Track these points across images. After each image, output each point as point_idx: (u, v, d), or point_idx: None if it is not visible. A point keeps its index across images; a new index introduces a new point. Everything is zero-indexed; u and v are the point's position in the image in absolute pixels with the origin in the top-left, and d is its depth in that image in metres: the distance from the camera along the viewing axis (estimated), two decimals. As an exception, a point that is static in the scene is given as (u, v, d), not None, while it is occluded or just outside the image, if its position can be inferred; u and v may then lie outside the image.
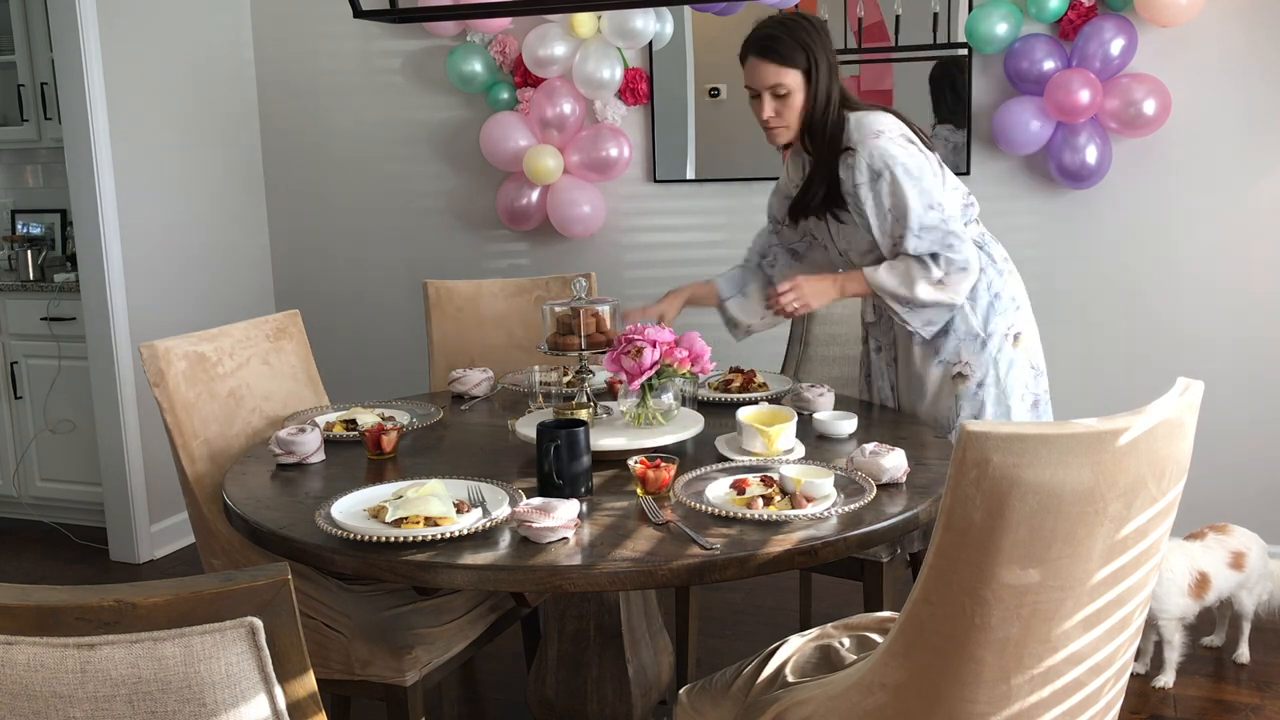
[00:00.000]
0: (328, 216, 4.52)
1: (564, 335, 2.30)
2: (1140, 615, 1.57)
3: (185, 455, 2.34)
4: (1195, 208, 3.49)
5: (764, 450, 2.10)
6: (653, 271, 4.09)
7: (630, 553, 1.67)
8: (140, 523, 4.05)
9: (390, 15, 2.73)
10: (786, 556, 1.68)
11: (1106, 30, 3.36)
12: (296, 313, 2.81)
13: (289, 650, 1.11)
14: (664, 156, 4.01)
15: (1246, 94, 3.39)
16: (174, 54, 4.14)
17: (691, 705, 1.88)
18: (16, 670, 1.06)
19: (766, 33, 2.42)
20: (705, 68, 3.92)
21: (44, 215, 4.87)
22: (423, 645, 2.14)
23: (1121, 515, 1.41)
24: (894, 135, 2.41)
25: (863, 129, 2.41)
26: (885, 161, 2.37)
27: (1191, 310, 3.53)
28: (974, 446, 1.34)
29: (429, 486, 1.85)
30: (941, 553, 1.41)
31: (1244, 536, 2.91)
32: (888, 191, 2.37)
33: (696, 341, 2.22)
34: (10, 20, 4.46)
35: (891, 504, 1.85)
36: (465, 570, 1.65)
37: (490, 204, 4.24)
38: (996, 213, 3.68)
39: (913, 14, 3.61)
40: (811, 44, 2.40)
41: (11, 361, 4.37)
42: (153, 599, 1.04)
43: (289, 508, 1.95)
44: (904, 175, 2.37)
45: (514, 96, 4.07)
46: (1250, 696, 2.84)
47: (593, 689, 2.17)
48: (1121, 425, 1.37)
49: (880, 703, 1.54)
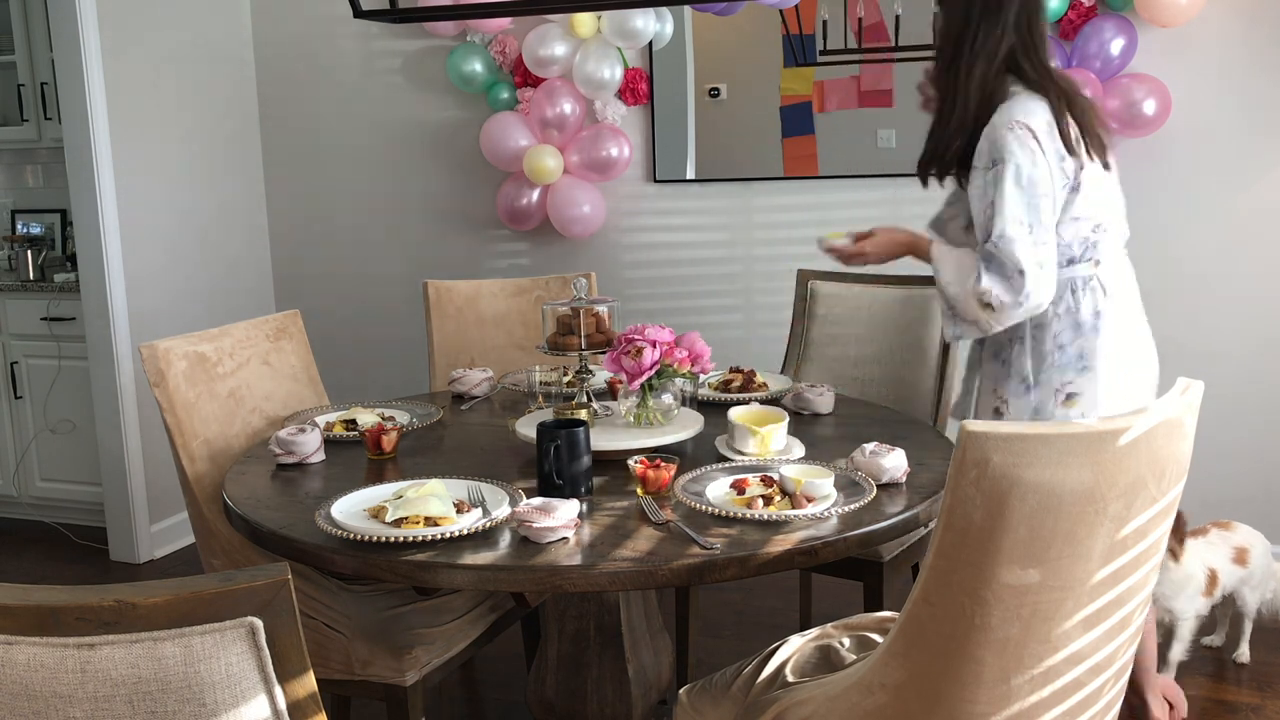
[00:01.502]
0: (328, 216, 4.52)
1: (564, 335, 2.30)
2: (1140, 615, 1.57)
3: (185, 455, 2.34)
4: (1195, 208, 3.49)
5: (757, 450, 2.10)
6: (653, 271, 4.09)
7: (630, 553, 1.67)
8: (140, 523, 4.05)
9: (390, 15, 2.73)
10: (786, 556, 1.68)
11: (1106, 30, 3.36)
12: (296, 313, 2.81)
13: (289, 650, 1.11)
14: (664, 156, 4.01)
15: (1246, 94, 3.39)
16: (174, 54, 4.14)
17: (691, 705, 1.89)
18: (16, 670, 1.06)
19: None
20: (705, 68, 3.92)
21: (44, 215, 4.87)
22: (423, 645, 2.14)
23: (1121, 515, 1.41)
24: (1029, 133, 2.19)
25: (1010, 111, 2.21)
26: (1005, 154, 2.19)
27: (1191, 310, 3.53)
28: (974, 446, 1.34)
29: (429, 486, 1.85)
30: (941, 553, 1.41)
31: (1247, 533, 2.90)
32: (994, 183, 2.20)
33: (696, 341, 2.22)
34: (10, 20, 4.46)
35: (891, 504, 1.85)
36: (465, 570, 1.65)
37: (490, 204, 4.24)
38: (996, 213, 3.68)
39: (913, 14, 3.61)
40: None
41: (11, 361, 4.37)
42: (153, 599, 1.04)
43: (289, 508, 1.95)
44: (1012, 178, 2.18)
45: (514, 96, 4.07)
46: (1250, 696, 2.84)
47: (593, 689, 2.17)
48: (1121, 425, 1.37)
49: (880, 703, 1.54)
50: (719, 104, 3.93)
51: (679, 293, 4.09)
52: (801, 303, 3.17)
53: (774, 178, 3.91)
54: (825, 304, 3.14)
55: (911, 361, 2.98)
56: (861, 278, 3.12)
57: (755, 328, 4.00)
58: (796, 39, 3.76)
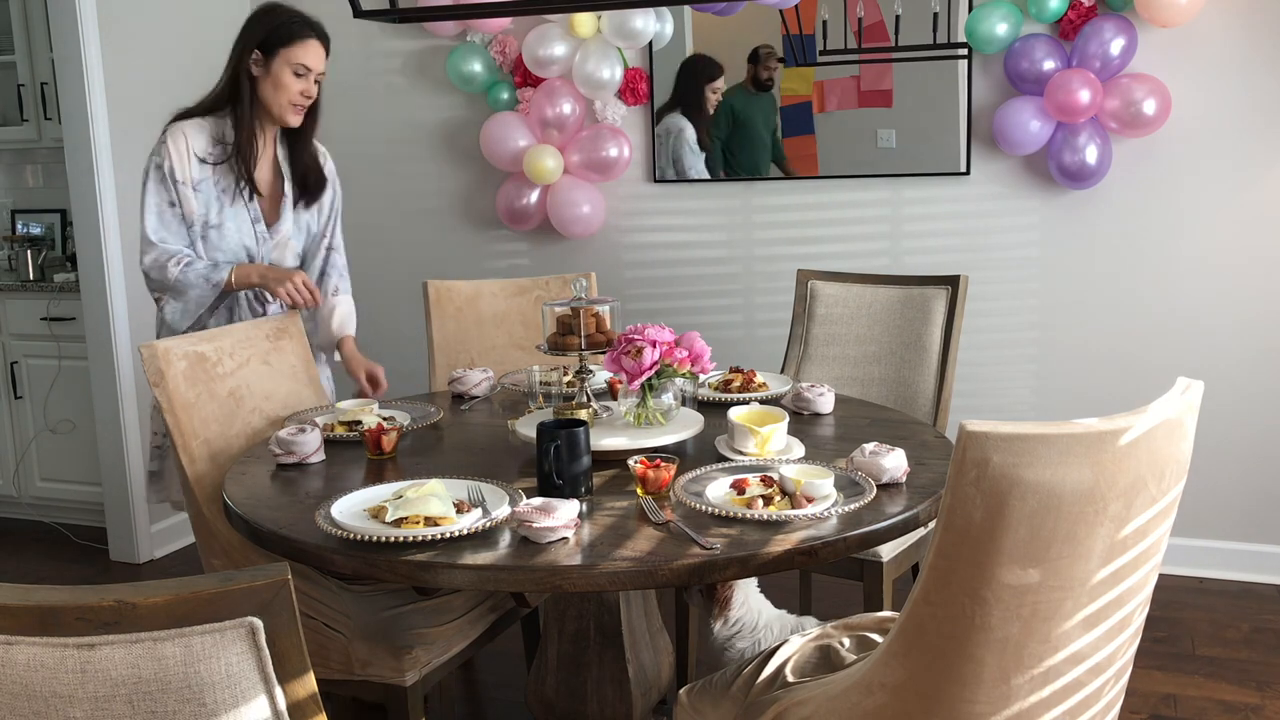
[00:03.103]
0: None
1: (564, 335, 2.29)
2: (1140, 615, 1.58)
3: (185, 455, 2.34)
4: (1195, 208, 3.49)
5: (756, 450, 2.10)
6: (653, 271, 4.09)
7: (630, 553, 1.67)
8: (140, 523, 4.05)
9: (390, 15, 2.73)
10: (786, 556, 1.68)
11: (1106, 30, 3.36)
12: (296, 313, 2.81)
13: (289, 650, 1.11)
14: (664, 156, 4.01)
15: (1246, 94, 3.39)
16: (174, 54, 4.13)
17: (691, 705, 1.89)
18: (16, 670, 1.06)
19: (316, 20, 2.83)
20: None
21: (44, 215, 4.87)
22: (423, 645, 2.14)
23: (1121, 515, 1.41)
24: None
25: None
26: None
27: (1191, 310, 3.53)
28: (974, 446, 1.34)
29: (429, 486, 1.85)
30: (941, 553, 1.41)
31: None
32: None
33: (696, 341, 2.22)
34: (10, 20, 4.46)
35: (891, 504, 1.85)
36: (465, 570, 1.65)
37: (490, 204, 4.24)
38: (996, 213, 3.68)
39: (913, 14, 3.61)
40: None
41: (11, 361, 4.37)
42: (153, 599, 1.04)
43: (289, 508, 1.95)
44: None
45: (514, 96, 4.07)
46: (1250, 696, 2.84)
47: (593, 689, 2.17)
48: (1122, 425, 1.37)
49: (880, 703, 1.54)
50: (719, 104, 3.93)
51: (679, 293, 4.09)
52: (801, 303, 3.17)
53: (778, 178, 3.91)
54: (825, 304, 3.14)
55: (911, 361, 2.98)
56: (861, 278, 3.13)
57: (755, 328, 4.00)
58: (796, 39, 3.76)
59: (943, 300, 2.96)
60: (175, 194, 2.70)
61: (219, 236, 2.75)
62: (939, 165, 3.69)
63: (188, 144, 2.71)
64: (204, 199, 2.72)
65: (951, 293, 2.95)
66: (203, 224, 2.73)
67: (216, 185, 2.74)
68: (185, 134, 2.72)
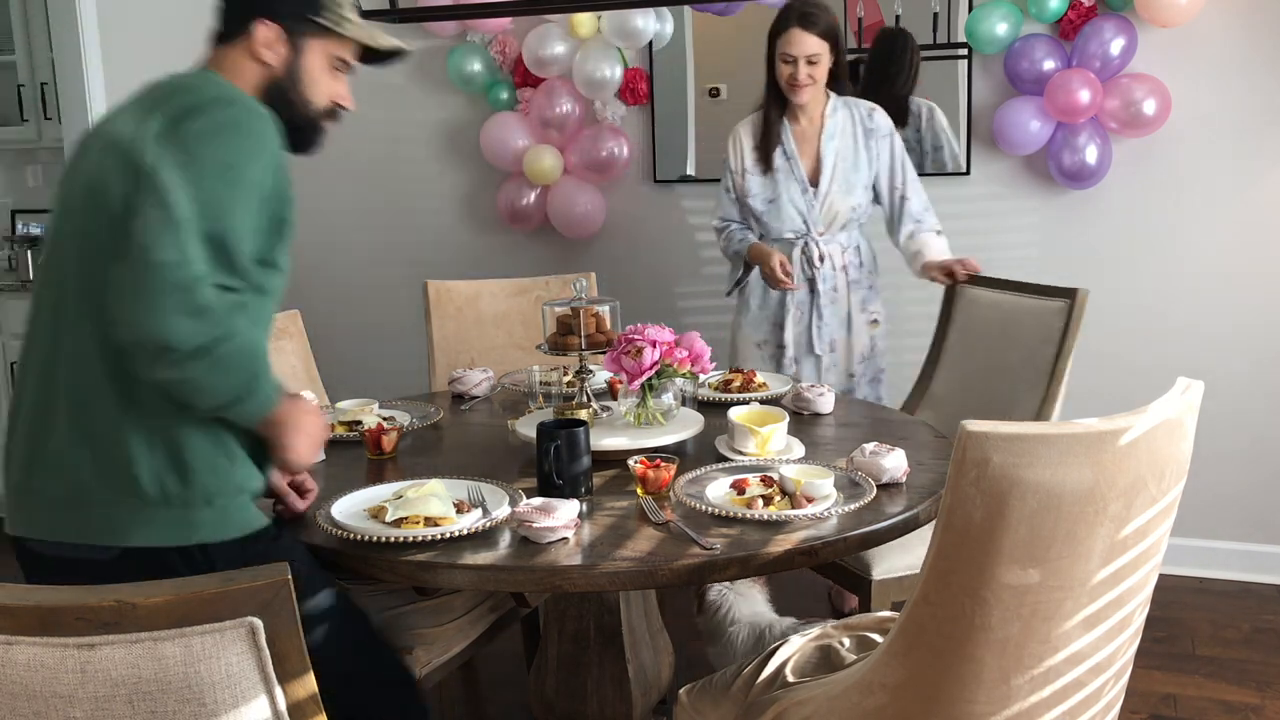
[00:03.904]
0: (327, 216, 4.51)
1: (564, 335, 2.30)
2: (1140, 615, 1.57)
3: (185, 455, 2.33)
4: (1195, 208, 3.49)
5: (757, 450, 2.10)
6: (653, 271, 4.09)
7: (630, 553, 1.67)
8: (140, 523, 4.04)
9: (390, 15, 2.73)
10: (786, 557, 1.68)
11: (1106, 30, 3.36)
12: (296, 313, 2.81)
13: (289, 650, 1.11)
14: (664, 156, 4.01)
15: (1246, 94, 3.39)
16: (174, 54, 4.12)
17: (691, 705, 1.88)
18: (16, 670, 1.06)
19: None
20: (705, 68, 3.91)
21: (44, 215, 4.87)
22: (423, 645, 2.14)
23: (1121, 515, 1.41)
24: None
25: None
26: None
27: (1191, 310, 3.53)
28: (974, 446, 1.34)
29: (429, 486, 1.85)
30: (941, 553, 1.41)
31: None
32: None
33: (696, 342, 2.22)
34: (10, 20, 4.45)
35: (891, 504, 1.85)
36: (465, 570, 1.65)
37: (490, 204, 4.24)
38: (996, 213, 3.68)
39: (913, 14, 3.61)
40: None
41: (11, 362, 4.37)
42: (153, 599, 1.04)
43: (289, 508, 1.94)
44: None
45: (514, 96, 4.07)
46: (1250, 696, 2.84)
47: (593, 689, 2.17)
48: (1122, 425, 1.37)
49: (880, 703, 1.54)
50: (719, 104, 3.92)
51: (679, 293, 4.09)
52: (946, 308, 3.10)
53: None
54: (966, 312, 3.05)
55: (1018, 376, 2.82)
56: (1005, 284, 3.02)
57: (755, 328, 3.99)
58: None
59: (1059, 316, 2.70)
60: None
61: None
62: (939, 165, 3.69)
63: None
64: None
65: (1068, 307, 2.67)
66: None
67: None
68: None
